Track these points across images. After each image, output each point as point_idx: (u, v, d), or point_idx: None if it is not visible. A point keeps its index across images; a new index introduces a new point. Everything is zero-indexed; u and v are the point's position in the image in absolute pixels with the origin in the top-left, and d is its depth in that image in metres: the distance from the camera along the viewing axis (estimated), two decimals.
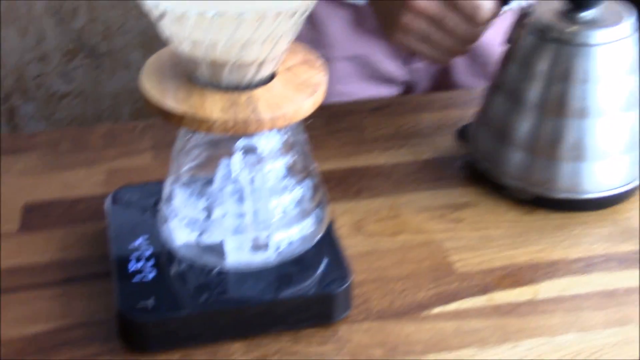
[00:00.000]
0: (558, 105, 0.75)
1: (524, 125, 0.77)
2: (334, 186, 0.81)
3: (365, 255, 0.73)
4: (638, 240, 0.74)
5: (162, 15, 0.58)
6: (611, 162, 0.76)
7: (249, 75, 0.61)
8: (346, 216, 0.77)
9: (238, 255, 0.66)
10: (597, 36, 0.75)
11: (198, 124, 0.59)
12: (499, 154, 0.78)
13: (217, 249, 0.66)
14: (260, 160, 0.64)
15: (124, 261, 0.68)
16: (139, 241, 0.70)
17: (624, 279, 0.70)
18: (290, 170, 0.66)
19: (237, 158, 0.66)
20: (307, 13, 0.59)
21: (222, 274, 0.67)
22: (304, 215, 0.67)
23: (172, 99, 0.60)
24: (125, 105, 1.94)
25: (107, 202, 0.74)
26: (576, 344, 0.63)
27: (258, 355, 0.64)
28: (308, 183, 0.67)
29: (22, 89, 1.90)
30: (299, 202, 0.67)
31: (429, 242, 0.74)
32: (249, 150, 0.64)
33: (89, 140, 0.90)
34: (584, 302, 0.67)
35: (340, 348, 0.64)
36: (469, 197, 0.80)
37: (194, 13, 0.56)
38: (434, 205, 0.79)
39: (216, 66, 0.60)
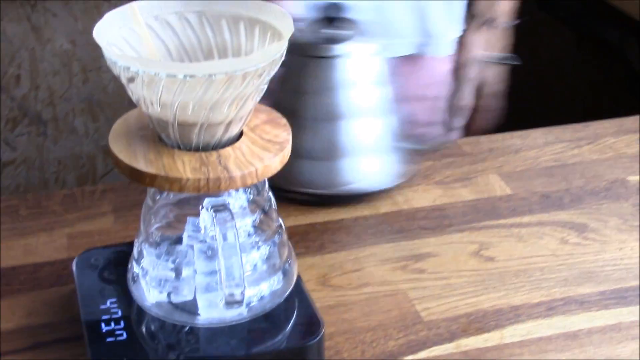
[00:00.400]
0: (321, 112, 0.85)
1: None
2: (296, 242, 0.82)
3: (333, 307, 0.74)
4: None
5: (132, 78, 0.59)
6: (372, 159, 0.86)
7: (217, 135, 0.62)
8: (311, 271, 0.78)
9: (210, 312, 0.66)
10: (342, 49, 0.86)
11: (170, 184, 0.60)
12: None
13: (188, 307, 0.67)
14: (229, 218, 0.65)
15: (95, 323, 0.68)
16: (108, 303, 0.70)
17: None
18: (258, 228, 0.67)
19: (205, 216, 0.67)
20: (272, 73, 0.61)
21: (194, 332, 0.67)
22: (273, 270, 0.68)
23: (142, 161, 0.61)
24: (71, 171, 1.93)
25: (73, 266, 0.74)
26: None
27: None
28: (275, 239, 0.68)
29: None
30: (268, 258, 0.68)
31: (394, 292, 0.76)
32: (218, 209, 0.65)
33: (48, 205, 0.90)
34: (548, 345, 0.69)
35: None
36: (429, 247, 0.82)
37: (164, 75, 0.58)
38: (395, 256, 0.80)
39: (185, 127, 0.61)
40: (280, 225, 0.69)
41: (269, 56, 0.59)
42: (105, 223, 0.87)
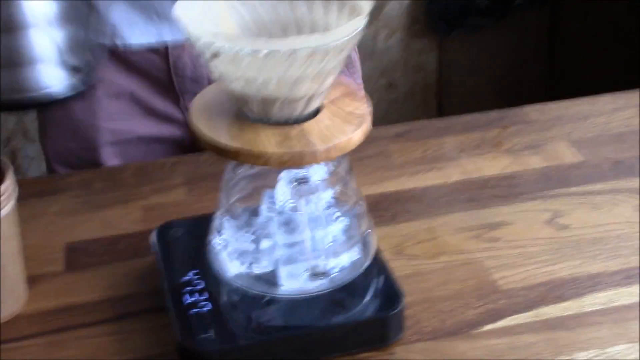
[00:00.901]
0: None
1: None
2: (369, 211, 0.82)
3: (410, 277, 0.74)
4: None
5: (215, 55, 0.60)
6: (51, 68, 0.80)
7: (299, 109, 0.63)
8: (386, 240, 0.79)
9: (292, 283, 0.67)
10: None
11: (254, 158, 0.61)
12: None
13: (270, 278, 0.68)
14: (310, 191, 0.66)
15: (178, 295, 0.69)
16: (190, 274, 0.71)
17: None
18: (338, 199, 0.68)
19: (282, 188, 0.67)
20: (353, 48, 0.61)
21: (276, 302, 0.68)
22: (353, 241, 0.68)
23: (225, 135, 0.62)
24: None
25: (153, 238, 0.76)
26: (628, 355, 0.65)
27: None
28: (355, 211, 0.69)
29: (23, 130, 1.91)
30: (348, 230, 0.68)
31: (470, 261, 0.76)
32: (300, 182, 0.66)
33: (121, 178, 0.91)
34: (629, 313, 0.69)
35: None
36: (502, 216, 0.82)
37: (248, 52, 0.58)
38: (469, 225, 0.81)
39: (267, 102, 0.62)
40: (360, 197, 0.69)
41: (350, 32, 0.59)
42: (178, 195, 0.88)
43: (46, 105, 0.88)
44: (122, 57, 1.00)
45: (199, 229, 0.76)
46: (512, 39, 2.18)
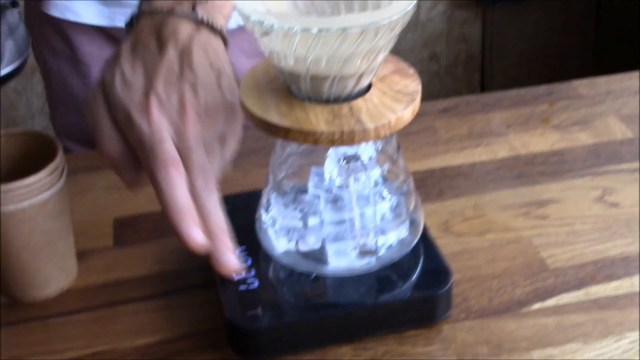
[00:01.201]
0: None
1: None
2: (415, 188, 0.82)
3: (457, 255, 0.74)
4: None
5: (266, 33, 0.59)
6: None
7: (349, 88, 0.62)
8: (432, 217, 0.79)
9: (339, 260, 0.67)
10: None
11: (304, 136, 0.61)
12: None
13: (317, 256, 0.68)
14: (359, 169, 0.66)
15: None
16: (238, 251, 0.72)
17: None
18: (387, 177, 0.68)
19: (331, 166, 0.67)
20: (404, 25, 0.61)
21: (323, 280, 0.68)
22: (401, 220, 0.68)
23: (275, 114, 0.62)
24: None
25: None
26: None
27: (367, 357, 0.65)
28: (403, 189, 0.69)
29: None
30: (396, 208, 0.68)
31: (517, 239, 0.76)
32: (350, 159, 0.65)
33: None
34: None
35: (446, 348, 0.66)
36: (551, 193, 0.81)
37: (299, 30, 0.58)
38: (517, 203, 0.80)
39: (317, 80, 0.61)
40: (408, 174, 0.69)
41: (402, 9, 0.59)
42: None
43: None
44: (110, 34, 1.01)
45: (247, 205, 0.76)
46: (558, 9, 2.15)
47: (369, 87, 0.64)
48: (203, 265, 0.74)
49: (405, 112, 0.62)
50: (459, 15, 2.11)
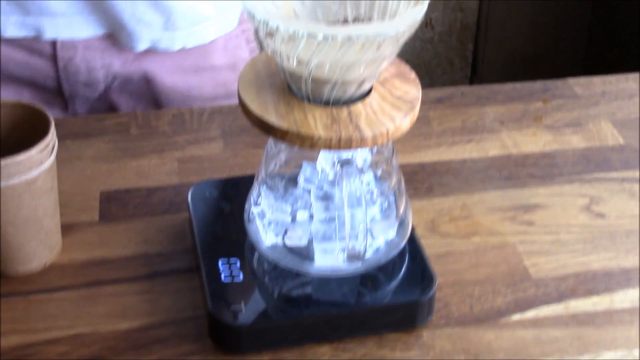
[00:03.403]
0: None
1: None
2: (405, 182, 0.82)
3: (442, 257, 0.75)
4: None
5: (270, 34, 0.59)
6: None
7: (350, 92, 0.62)
8: (420, 215, 0.79)
9: (325, 260, 0.68)
10: None
11: (301, 140, 0.60)
12: None
13: (304, 253, 0.68)
14: (353, 172, 0.66)
15: (212, 262, 0.69)
16: (224, 242, 0.72)
17: None
18: (380, 180, 0.68)
19: (323, 162, 0.67)
20: (410, 35, 0.60)
21: (308, 279, 0.69)
22: (390, 222, 0.68)
23: (273, 113, 0.62)
24: None
25: (189, 198, 0.76)
26: None
27: (346, 358, 0.66)
28: (394, 190, 0.69)
29: None
30: (386, 210, 0.68)
31: (502, 244, 0.76)
32: (344, 163, 0.65)
33: (157, 125, 0.91)
34: None
35: (424, 354, 0.66)
36: (538, 198, 0.81)
37: (304, 34, 0.57)
38: (504, 205, 0.80)
39: (319, 83, 0.61)
40: (400, 175, 0.69)
41: (409, 20, 0.58)
42: (214, 149, 0.88)
43: None
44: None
45: (235, 190, 0.76)
46: None
47: (369, 90, 0.64)
48: (188, 248, 0.75)
49: (404, 121, 0.62)
50: None
